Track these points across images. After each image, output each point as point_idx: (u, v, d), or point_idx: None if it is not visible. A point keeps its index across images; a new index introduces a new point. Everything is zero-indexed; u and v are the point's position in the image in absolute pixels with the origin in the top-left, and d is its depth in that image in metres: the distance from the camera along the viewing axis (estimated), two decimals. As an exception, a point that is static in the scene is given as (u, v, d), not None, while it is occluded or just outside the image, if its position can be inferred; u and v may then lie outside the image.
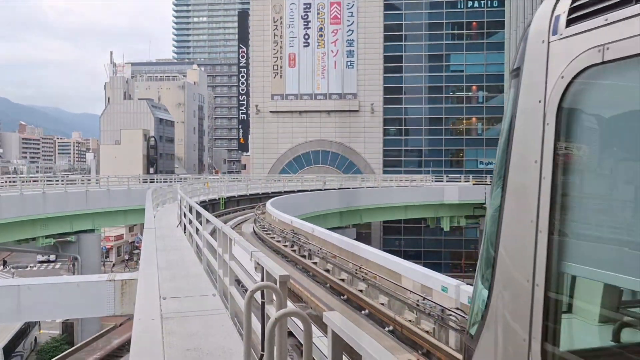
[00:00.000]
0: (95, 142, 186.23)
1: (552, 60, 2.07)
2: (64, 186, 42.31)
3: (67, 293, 16.94)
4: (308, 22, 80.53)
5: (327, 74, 79.68)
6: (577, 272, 2.03)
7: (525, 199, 2.14)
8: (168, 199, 30.04)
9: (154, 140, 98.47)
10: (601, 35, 1.85)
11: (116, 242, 74.11)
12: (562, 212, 2.02)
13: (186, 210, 15.80)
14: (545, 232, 2.02)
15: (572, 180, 2.04)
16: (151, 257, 10.88)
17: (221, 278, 8.43)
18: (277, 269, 4.94)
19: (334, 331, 3.18)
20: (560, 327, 1.99)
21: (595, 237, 2.07)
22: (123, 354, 30.22)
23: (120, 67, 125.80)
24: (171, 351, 5.94)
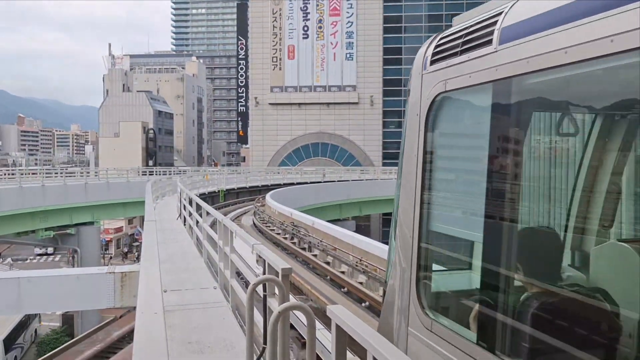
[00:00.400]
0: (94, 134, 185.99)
1: (423, 87, 3.12)
2: (63, 179, 42.26)
3: (67, 285, 16.97)
4: (307, 14, 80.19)
5: (327, 66, 79.47)
6: (436, 229, 3.14)
7: (409, 181, 3.23)
8: (167, 191, 30.02)
9: (153, 133, 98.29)
10: (444, 74, 2.92)
11: (116, 234, 74.13)
12: (427, 191, 3.10)
13: (186, 202, 15.79)
14: (418, 203, 3.10)
15: (431, 168, 3.11)
16: (152, 250, 10.88)
17: (222, 271, 8.43)
18: (279, 262, 4.92)
19: (338, 325, 3.17)
20: (427, 264, 3.12)
21: (446, 207, 3.25)
22: (123, 345, 30.28)
23: (119, 59, 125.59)
24: (173, 344, 5.95)
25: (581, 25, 2.06)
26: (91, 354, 29.66)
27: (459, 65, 2.77)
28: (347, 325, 3.07)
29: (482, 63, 2.59)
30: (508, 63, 2.41)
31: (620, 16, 1.90)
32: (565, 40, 2.10)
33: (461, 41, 2.80)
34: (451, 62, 2.84)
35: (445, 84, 2.87)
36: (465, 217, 3.24)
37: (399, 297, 3.27)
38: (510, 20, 2.47)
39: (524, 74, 2.33)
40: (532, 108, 2.61)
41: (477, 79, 2.62)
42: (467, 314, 2.77)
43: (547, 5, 2.30)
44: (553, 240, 2.68)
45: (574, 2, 2.15)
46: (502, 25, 2.52)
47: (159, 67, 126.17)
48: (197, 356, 5.73)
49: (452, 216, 3.31)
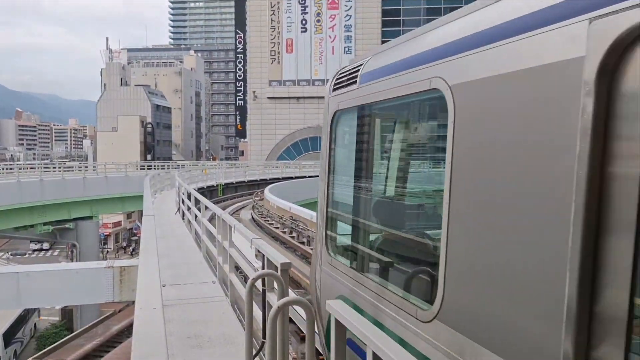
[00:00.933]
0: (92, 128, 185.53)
1: (330, 105, 4.63)
2: (62, 173, 42.22)
3: (66, 280, 16.98)
4: (305, 8, 79.93)
5: (325, 59, 79.29)
6: (333, 202, 4.78)
7: (323, 170, 4.75)
8: (166, 185, 30.02)
9: (151, 127, 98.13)
10: (339, 98, 4.45)
11: (114, 228, 74.17)
12: (330, 175, 4.69)
13: (184, 197, 15.78)
14: (325, 184, 4.70)
15: (332, 160, 4.69)
16: (151, 245, 10.88)
17: (221, 265, 8.43)
18: (278, 257, 4.93)
19: (337, 319, 3.17)
20: (330, 224, 4.72)
21: (338, 186, 4.75)
22: (122, 340, 30.32)
23: (116, 53, 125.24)
24: (172, 339, 5.95)
25: (393, 77, 3.64)
26: (90, 348, 29.71)
27: (345, 93, 4.39)
28: (347, 319, 3.07)
29: (353, 94, 4.23)
30: (364, 95, 4.07)
31: (407, 76, 3.45)
32: (388, 84, 3.66)
33: (345, 78, 4.42)
34: (342, 91, 4.46)
35: (339, 105, 4.49)
36: (347, 194, 4.82)
37: (317, 246, 4.91)
38: (365, 70, 4.13)
39: (372, 102, 4.05)
40: (376, 122, 4.40)
41: (351, 103, 4.30)
42: (347, 252, 4.50)
43: (379, 63, 3.97)
44: (387, 204, 4.43)
45: (389, 65, 3.76)
46: (361, 72, 4.20)
47: (156, 61, 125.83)
48: (196, 351, 5.74)
49: (341, 193, 4.91)
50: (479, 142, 2.85)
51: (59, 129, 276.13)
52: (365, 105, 4.24)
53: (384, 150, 4.56)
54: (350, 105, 4.36)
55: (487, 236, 2.65)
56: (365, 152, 4.45)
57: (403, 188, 4.33)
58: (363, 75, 4.21)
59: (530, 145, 2.37)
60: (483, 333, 2.58)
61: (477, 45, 2.74)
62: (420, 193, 4.39)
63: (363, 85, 4.16)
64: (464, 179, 2.88)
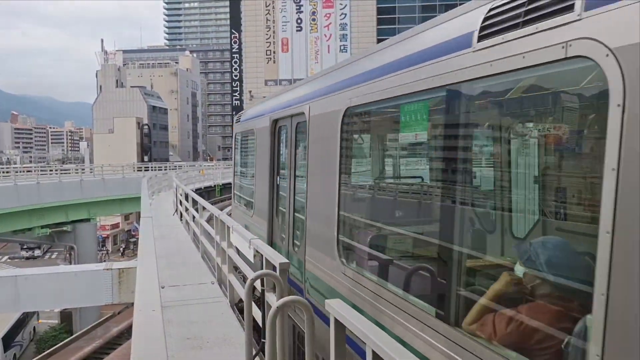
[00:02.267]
0: (88, 130, 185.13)
1: (236, 130, 11.20)
2: (58, 176, 42.11)
3: (64, 283, 16.97)
4: (300, 7, 79.87)
5: (321, 58, 79.27)
6: (237, 192, 11.43)
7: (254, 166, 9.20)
8: (163, 186, 29.97)
9: (148, 128, 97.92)
10: (240, 127, 10.79)
11: (112, 230, 74.01)
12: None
13: (182, 198, 15.76)
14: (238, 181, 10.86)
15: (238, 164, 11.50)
16: (149, 246, 10.85)
17: (219, 266, 8.42)
18: (276, 257, 4.92)
19: (336, 318, 3.17)
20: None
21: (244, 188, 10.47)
22: (122, 341, 30.29)
23: (112, 54, 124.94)
24: (172, 340, 5.95)
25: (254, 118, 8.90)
26: (90, 351, 29.68)
27: (242, 123, 10.11)
28: (346, 318, 3.07)
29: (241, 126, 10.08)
30: (240, 131, 10.02)
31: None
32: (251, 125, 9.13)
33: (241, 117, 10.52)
34: (240, 121, 10.22)
35: (240, 127, 10.16)
36: (248, 195, 9.27)
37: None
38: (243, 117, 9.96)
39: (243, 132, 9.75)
40: (249, 138, 9.21)
41: (244, 128, 9.95)
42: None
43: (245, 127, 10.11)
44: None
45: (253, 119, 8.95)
46: (239, 119, 10.19)
47: (152, 62, 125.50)
48: (196, 351, 5.74)
49: (247, 194, 9.49)
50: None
51: (55, 132, 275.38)
52: (243, 132, 9.54)
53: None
54: (246, 129, 9.30)
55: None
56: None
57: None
58: (237, 126, 10.18)
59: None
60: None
61: None
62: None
63: (239, 124, 9.91)
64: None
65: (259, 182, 8.55)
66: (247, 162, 10.15)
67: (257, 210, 8.59)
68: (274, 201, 7.68)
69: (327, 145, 5.30)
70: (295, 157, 6.75)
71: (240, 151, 11.12)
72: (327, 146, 5.30)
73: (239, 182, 11.52)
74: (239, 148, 11.03)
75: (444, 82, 3.21)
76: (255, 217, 8.76)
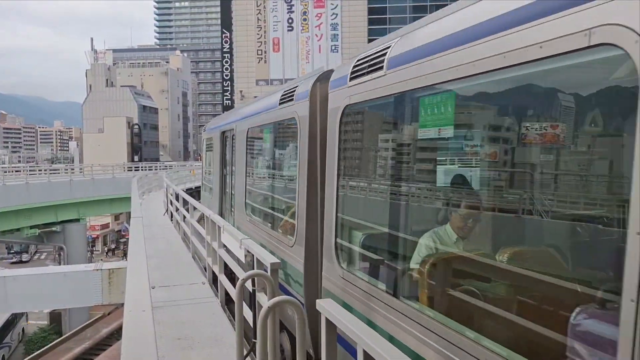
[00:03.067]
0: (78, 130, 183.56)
1: (204, 137, 15.31)
2: (48, 176, 41.78)
3: (53, 283, 16.84)
4: (291, 6, 79.80)
5: (312, 58, 79.23)
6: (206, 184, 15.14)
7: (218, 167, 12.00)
8: (154, 186, 29.85)
9: (138, 128, 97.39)
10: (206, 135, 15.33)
11: (102, 231, 73.53)
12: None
13: (172, 198, 15.71)
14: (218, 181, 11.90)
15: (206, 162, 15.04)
16: (139, 246, 10.80)
17: (210, 266, 8.41)
18: (267, 257, 4.92)
19: (327, 318, 3.18)
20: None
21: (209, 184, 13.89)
22: (112, 342, 30.15)
23: (102, 54, 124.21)
24: (163, 340, 5.93)
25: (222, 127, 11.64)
26: (80, 352, 29.51)
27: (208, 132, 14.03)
28: (337, 318, 3.08)
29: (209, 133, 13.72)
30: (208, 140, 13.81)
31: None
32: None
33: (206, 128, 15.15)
34: (207, 130, 14.17)
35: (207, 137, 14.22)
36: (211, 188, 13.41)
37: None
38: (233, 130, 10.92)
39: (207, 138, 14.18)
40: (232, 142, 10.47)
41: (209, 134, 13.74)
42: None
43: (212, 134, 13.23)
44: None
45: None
46: (207, 128, 14.39)
47: (142, 62, 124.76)
48: (187, 352, 5.72)
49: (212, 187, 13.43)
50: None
51: (44, 131, 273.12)
52: (221, 135, 11.63)
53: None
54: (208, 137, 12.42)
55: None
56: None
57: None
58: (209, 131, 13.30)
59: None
60: None
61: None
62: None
63: (208, 131, 12.81)
64: None
65: (214, 174, 12.60)
66: (209, 160, 14.24)
67: (214, 192, 12.24)
68: (222, 186, 11.19)
69: (242, 150, 9.19)
70: (232, 158, 10.22)
71: (205, 152, 15.28)
72: (241, 151, 9.16)
73: (206, 174, 15.68)
74: (204, 150, 15.41)
75: None
76: (213, 197, 12.40)
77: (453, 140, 3.31)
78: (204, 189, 16.13)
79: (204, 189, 16.13)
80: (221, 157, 11.30)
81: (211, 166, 13.61)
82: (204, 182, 15.92)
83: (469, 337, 2.76)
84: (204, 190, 16.21)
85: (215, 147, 11.95)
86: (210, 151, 13.08)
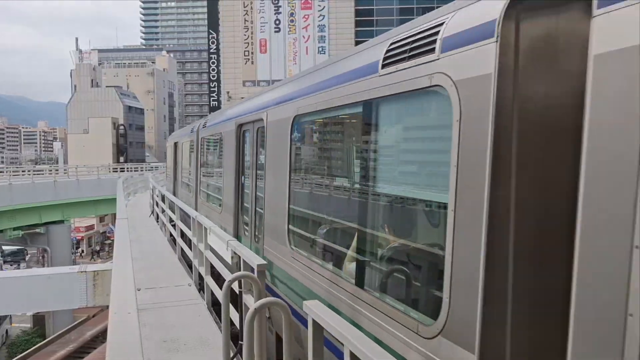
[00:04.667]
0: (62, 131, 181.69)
1: (199, 135, 12.79)
2: (31, 177, 41.31)
3: (37, 286, 16.64)
4: (279, 7, 79.75)
5: (299, 59, 79.22)
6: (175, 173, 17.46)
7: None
8: (139, 188, 29.63)
9: (124, 129, 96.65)
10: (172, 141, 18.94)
11: (87, 232, 72.84)
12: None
13: (158, 199, 15.61)
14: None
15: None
16: (125, 248, 10.73)
17: (196, 267, 8.36)
18: (254, 258, 4.91)
19: (314, 320, 3.18)
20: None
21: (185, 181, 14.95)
22: (97, 345, 29.89)
23: (87, 53, 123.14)
24: (148, 343, 5.89)
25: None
26: (64, 354, 29.20)
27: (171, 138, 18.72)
28: (324, 320, 3.08)
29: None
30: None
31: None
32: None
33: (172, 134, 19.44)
34: (205, 128, 11.94)
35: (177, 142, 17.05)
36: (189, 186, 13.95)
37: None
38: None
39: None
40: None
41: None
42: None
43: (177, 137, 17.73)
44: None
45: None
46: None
47: (128, 62, 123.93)
48: (172, 354, 5.68)
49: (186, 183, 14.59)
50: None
51: (27, 132, 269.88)
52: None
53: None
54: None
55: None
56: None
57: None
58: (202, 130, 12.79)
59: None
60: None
61: None
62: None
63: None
64: None
65: (227, 179, 12.24)
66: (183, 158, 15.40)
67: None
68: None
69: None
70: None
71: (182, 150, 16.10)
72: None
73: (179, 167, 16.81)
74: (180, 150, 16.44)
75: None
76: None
77: None
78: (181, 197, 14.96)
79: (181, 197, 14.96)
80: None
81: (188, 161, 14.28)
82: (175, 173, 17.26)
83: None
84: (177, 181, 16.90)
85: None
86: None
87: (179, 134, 18.46)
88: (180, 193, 15.72)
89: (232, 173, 8.50)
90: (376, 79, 3.70)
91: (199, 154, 12.49)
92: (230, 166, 8.76)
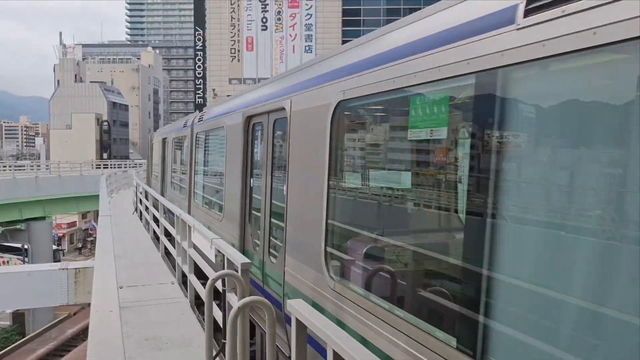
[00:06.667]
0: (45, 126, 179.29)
1: (193, 130, 12.11)
2: (12, 172, 40.74)
3: (17, 283, 16.38)
4: (266, 6, 79.56)
5: (286, 58, 79.11)
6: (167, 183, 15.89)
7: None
8: (123, 185, 29.38)
9: (107, 125, 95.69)
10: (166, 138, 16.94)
11: (69, 229, 72.02)
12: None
13: (142, 196, 15.49)
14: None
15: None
16: (107, 245, 10.63)
17: (180, 266, 8.32)
18: (238, 257, 4.90)
19: (298, 319, 3.18)
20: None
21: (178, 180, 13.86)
22: (77, 343, 29.56)
23: (71, 48, 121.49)
24: (130, 341, 5.84)
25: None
26: (44, 353, 28.82)
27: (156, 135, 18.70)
28: (307, 319, 3.08)
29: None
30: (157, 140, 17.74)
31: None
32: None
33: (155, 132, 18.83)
34: (200, 122, 11.10)
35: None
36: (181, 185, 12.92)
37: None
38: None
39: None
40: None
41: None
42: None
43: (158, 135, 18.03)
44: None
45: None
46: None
47: (113, 58, 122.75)
48: (155, 353, 5.65)
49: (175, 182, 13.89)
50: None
51: (9, 127, 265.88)
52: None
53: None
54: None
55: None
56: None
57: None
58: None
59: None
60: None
61: None
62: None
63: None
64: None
65: (231, 178, 12.92)
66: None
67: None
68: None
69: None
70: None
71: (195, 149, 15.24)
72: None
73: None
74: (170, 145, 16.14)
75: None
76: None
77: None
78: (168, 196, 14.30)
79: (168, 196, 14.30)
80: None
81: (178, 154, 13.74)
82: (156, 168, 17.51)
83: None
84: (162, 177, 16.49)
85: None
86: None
87: (167, 129, 16.87)
88: (169, 195, 14.35)
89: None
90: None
91: (194, 152, 11.07)
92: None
